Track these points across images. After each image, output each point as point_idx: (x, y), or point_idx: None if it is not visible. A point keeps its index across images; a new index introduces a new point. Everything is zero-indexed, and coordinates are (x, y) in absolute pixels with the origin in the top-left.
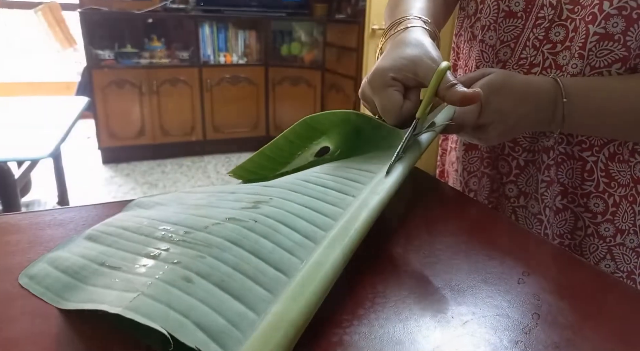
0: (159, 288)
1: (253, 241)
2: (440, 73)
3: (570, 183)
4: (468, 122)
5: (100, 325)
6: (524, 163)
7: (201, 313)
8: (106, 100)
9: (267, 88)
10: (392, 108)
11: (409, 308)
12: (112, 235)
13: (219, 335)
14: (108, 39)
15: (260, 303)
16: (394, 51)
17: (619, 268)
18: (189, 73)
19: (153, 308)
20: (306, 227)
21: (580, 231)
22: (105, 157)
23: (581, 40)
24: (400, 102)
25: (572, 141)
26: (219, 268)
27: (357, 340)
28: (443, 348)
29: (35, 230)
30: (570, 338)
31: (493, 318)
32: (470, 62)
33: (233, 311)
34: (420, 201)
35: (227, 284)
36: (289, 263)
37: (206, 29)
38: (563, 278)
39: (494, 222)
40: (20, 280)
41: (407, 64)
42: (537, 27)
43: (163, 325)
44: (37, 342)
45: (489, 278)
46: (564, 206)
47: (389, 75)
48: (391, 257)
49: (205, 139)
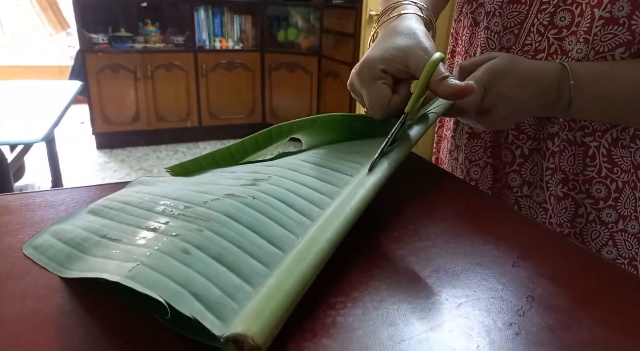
0: (157, 258)
1: (251, 216)
2: (432, 65)
3: (571, 170)
4: (470, 106)
5: (91, 307)
6: (528, 151)
7: (198, 284)
8: (100, 84)
9: (263, 74)
10: (379, 103)
11: (403, 291)
12: (114, 209)
13: (215, 305)
14: (102, 23)
15: (256, 277)
16: (384, 40)
17: (621, 254)
18: (184, 58)
19: (151, 278)
20: (303, 204)
21: (581, 218)
22: (99, 142)
23: (586, 25)
24: (388, 96)
25: (575, 126)
26: (217, 241)
27: (351, 321)
28: (437, 330)
29: (26, 212)
30: (564, 321)
31: (487, 300)
32: (471, 48)
33: (229, 283)
34: (416, 186)
35: (224, 257)
36: (285, 239)
37: (201, 14)
38: (558, 262)
39: (490, 207)
40: (24, 250)
41: (398, 55)
42: (542, 12)
43: (161, 294)
44: (27, 322)
45: (483, 262)
46: (564, 194)
47: (378, 68)
48: (386, 241)
49: (201, 125)
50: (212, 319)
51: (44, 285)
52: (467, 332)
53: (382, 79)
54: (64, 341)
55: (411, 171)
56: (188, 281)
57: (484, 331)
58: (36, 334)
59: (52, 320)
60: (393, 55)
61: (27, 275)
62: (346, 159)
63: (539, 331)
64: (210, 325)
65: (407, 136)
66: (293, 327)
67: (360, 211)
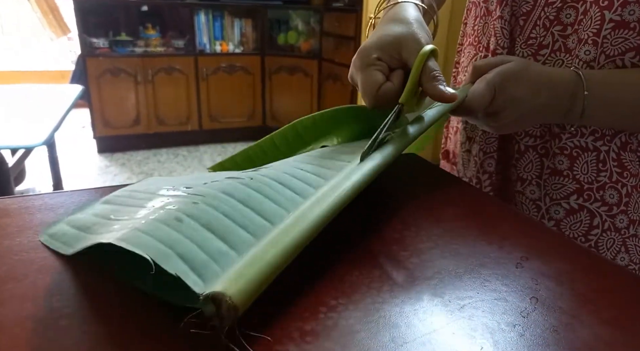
0: (150, 225)
1: (245, 193)
2: (422, 57)
3: (585, 179)
4: (479, 106)
5: (90, 310)
6: (524, 147)
7: (185, 247)
8: (101, 89)
9: (264, 77)
10: (369, 89)
11: (405, 292)
12: (123, 197)
13: (199, 267)
14: (102, 27)
15: (242, 245)
16: (380, 29)
17: (632, 260)
18: (184, 62)
19: (141, 239)
20: (298, 184)
21: (597, 228)
22: (100, 146)
23: (595, 26)
24: (378, 82)
25: (586, 132)
26: (209, 212)
27: (353, 323)
28: (440, 332)
29: (25, 215)
30: (568, 322)
31: (491, 302)
32: (484, 38)
33: (216, 248)
34: (417, 187)
35: (214, 226)
36: (277, 214)
37: (202, 17)
38: (562, 263)
39: (493, 208)
40: (40, 238)
41: (392, 42)
42: (549, 6)
43: (148, 253)
44: (25, 325)
45: (486, 263)
46: (579, 206)
47: (372, 55)
48: (388, 242)
49: (201, 129)
50: (194, 278)
51: (43, 288)
52: (470, 334)
53: (375, 66)
54: (62, 344)
55: (413, 172)
56: (176, 244)
57: (487, 332)
58: (34, 337)
59: (50, 323)
60: (387, 43)
61: (26, 278)
62: (345, 152)
63: (543, 332)
64: (192, 283)
65: (405, 130)
66: (294, 329)
67: (351, 194)
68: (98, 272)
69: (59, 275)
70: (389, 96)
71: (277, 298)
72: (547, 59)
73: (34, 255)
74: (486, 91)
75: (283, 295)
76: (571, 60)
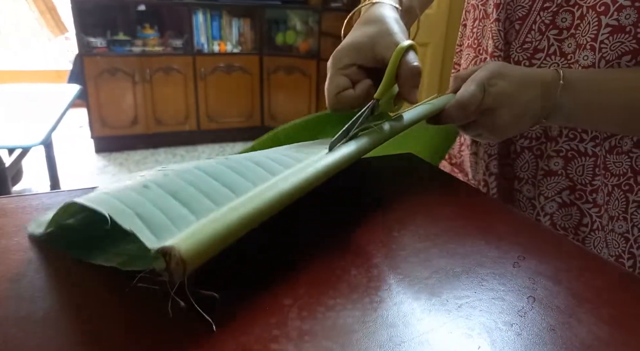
0: (118, 190)
1: (217, 169)
2: (399, 51)
3: (579, 180)
4: (470, 102)
5: (87, 310)
6: (520, 148)
7: (146, 209)
8: (98, 88)
9: (262, 77)
10: (328, 91)
11: (403, 292)
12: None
13: (156, 225)
14: (100, 27)
15: (204, 212)
16: (354, 30)
17: (611, 253)
18: (182, 61)
19: (105, 200)
20: (271, 164)
21: (585, 227)
22: (98, 146)
23: (593, 32)
24: (339, 87)
25: (586, 138)
26: (177, 182)
27: (351, 323)
28: (438, 331)
29: (22, 214)
30: (566, 321)
31: (488, 301)
32: (484, 41)
33: (176, 212)
34: (415, 186)
35: (179, 194)
36: (243, 186)
37: (200, 17)
38: (559, 262)
39: (491, 208)
40: (29, 228)
41: (366, 42)
42: (545, 10)
43: (107, 210)
44: (22, 326)
45: (484, 262)
46: (570, 201)
47: (343, 60)
48: (386, 241)
49: (199, 129)
50: (148, 235)
51: (39, 288)
52: (468, 333)
53: (344, 71)
54: (59, 345)
55: (411, 172)
56: (137, 205)
57: (485, 332)
58: (31, 337)
59: (47, 323)
60: (361, 44)
61: (23, 278)
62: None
63: (540, 331)
64: (146, 239)
65: (381, 126)
66: (293, 329)
67: (319, 175)
68: (96, 273)
69: (57, 275)
70: (347, 102)
71: (275, 297)
72: (542, 63)
73: (31, 255)
74: (476, 88)
75: (282, 294)
76: (567, 65)
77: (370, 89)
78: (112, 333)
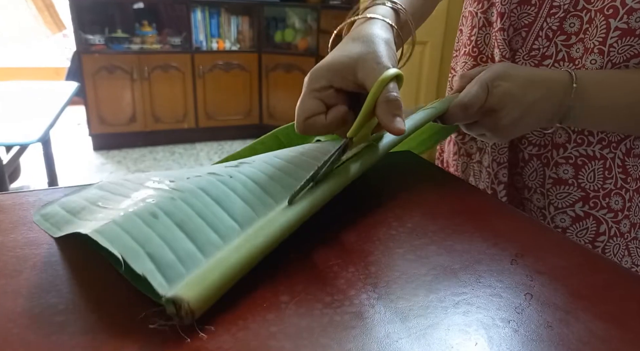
0: (127, 218)
1: (220, 191)
2: (382, 82)
3: (591, 187)
4: (473, 102)
5: (84, 306)
6: (528, 156)
7: (155, 245)
8: (96, 86)
9: (261, 75)
10: (297, 115)
11: (401, 288)
12: (115, 184)
13: (166, 267)
14: (98, 24)
15: (210, 247)
16: (339, 48)
17: (634, 262)
18: (181, 59)
19: (116, 234)
20: (273, 186)
21: (603, 235)
22: (96, 143)
23: (601, 35)
24: (309, 111)
25: (593, 141)
26: (184, 210)
27: (348, 319)
28: (435, 328)
29: (19, 211)
30: (563, 318)
31: (485, 298)
32: (487, 49)
33: (184, 249)
34: (412, 183)
35: (186, 225)
36: (246, 216)
37: (198, 14)
38: (557, 259)
39: (488, 205)
40: (34, 217)
41: (348, 63)
42: (552, 16)
43: (120, 249)
44: (19, 321)
45: (482, 259)
46: (585, 213)
47: (320, 81)
48: (384, 238)
49: (198, 126)
50: (160, 280)
51: (36, 284)
52: (465, 329)
53: (318, 93)
54: (55, 340)
55: (409, 169)
56: (147, 241)
57: (482, 328)
58: (28, 333)
59: (44, 319)
60: (343, 64)
61: (19, 274)
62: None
63: (537, 328)
64: (158, 285)
65: (347, 167)
66: (290, 325)
67: (328, 197)
68: (92, 268)
69: (53, 271)
70: (317, 129)
71: (272, 294)
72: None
73: (28, 251)
74: (479, 89)
75: (279, 291)
76: (575, 69)
77: (344, 117)
78: (110, 328)
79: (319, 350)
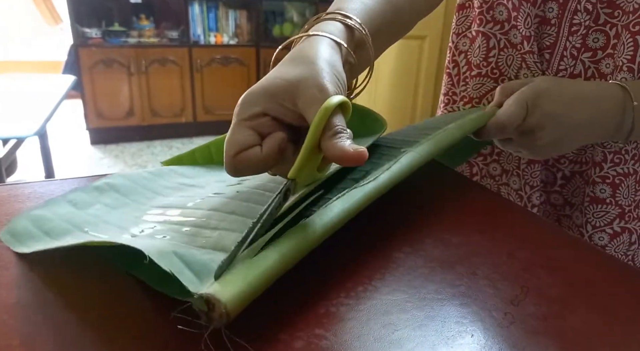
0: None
1: (234, 205)
2: (325, 112)
3: (626, 203)
4: (511, 122)
5: (78, 298)
6: (570, 173)
7: (183, 250)
8: (94, 79)
9: (259, 69)
10: (226, 150)
11: (397, 280)
12: (95, 205)
13: (195, 264)
14: (95, 17)
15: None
16: (277, 68)
17: None
18: (178, 53)
19: (143, 244)
20: None
21: (634, 244)
22: (93, 137)
23: (629, 53)
24: (240, 145)
25: (628, 158)
26: (200, 234)
27: (344, 311)
28: (431, 319)
29: (14, 203)
30: (558, 310)
31: (482, 290)
32: (510, 71)
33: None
34: (409, 178)
35: (206, 243)
36: None
37: (196, 8)
38: (553, 252)
39: (485, 198)
40: (1, 236)
41: (286, 88)
42: (573, 34)
43: (146, 251)
44: (13, 312)
45: (479, 252)
46: (622, 228)
47: (253, 108)
48: (380, 232)
49: (196, 121)
50: (189, 276)
51: (30, 276)
52: (461, 321)
53: (251, 122)
54: (49, 331)
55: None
56: (174, 247)
57: (478, 320)
58: (21, 324)
59: (38, 310)
60: (279, 88)
61: (14, 266)
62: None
63: (534, 320)
64: (187, 281)
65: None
66: (285, 317)
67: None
68: (86, 260)
69: (48, 263)
70: (251, 165)
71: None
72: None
73: None
74: (518, 108)
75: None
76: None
77: (282, 146)
78: (107, 321)
79: (315, 341)
